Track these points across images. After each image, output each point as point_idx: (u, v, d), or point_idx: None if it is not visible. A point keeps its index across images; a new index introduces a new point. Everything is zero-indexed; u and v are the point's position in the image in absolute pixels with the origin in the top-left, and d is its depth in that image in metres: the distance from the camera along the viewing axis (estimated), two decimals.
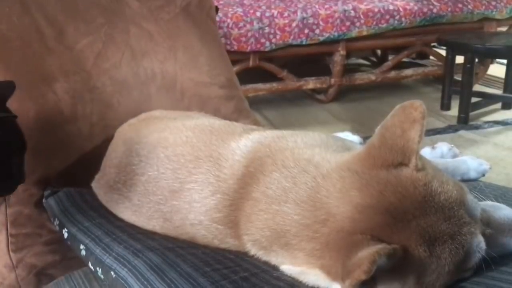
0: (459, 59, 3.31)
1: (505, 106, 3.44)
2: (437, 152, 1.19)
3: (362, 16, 3.45)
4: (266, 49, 3.28)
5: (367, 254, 0.65)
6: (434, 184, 0.73)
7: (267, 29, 3.26)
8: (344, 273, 0.68)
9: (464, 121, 3.18)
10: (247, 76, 3.20)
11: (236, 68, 2.83)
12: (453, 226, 0.72)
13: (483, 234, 0.76)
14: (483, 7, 3.72)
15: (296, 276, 0.81)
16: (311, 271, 0.78)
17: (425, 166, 0.75)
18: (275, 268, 0.84)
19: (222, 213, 0.89)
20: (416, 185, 0.73)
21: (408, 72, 3.81)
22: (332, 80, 3.57)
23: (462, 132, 3.05)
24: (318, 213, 0.76)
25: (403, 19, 3.53)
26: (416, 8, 3.56)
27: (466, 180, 1.08)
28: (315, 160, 0.83)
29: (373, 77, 3.71)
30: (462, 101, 3.21)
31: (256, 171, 0.87)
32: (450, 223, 0.72)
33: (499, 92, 3.59)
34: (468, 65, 3.17)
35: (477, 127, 3.14)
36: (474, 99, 3.27)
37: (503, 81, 3.50)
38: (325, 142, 0.91)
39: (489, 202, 0.85)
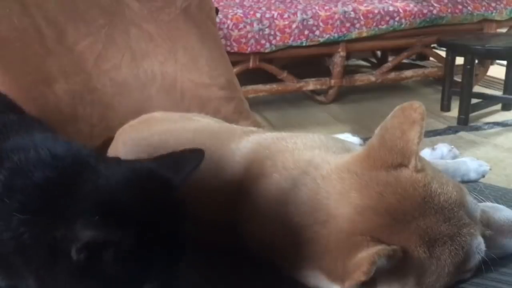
0: (459, 60, 3.31)
1: (505, 107, 3.44)
2: (437, 153, 1.20)
3: (362, 17, 3.45)
4: (266, 50, 3.28)
5: (367, 255, 0.65)
6: (434, 185, 0.73)
7: (267, 30, 3.26)
8: (344, 274, 0.68)
9: (464, 122, 3.18)
10: (247, 77, 3.20)
11: (236, 69, 2.83)
12: (453, 227, 0.72)
13: (483, 236, 0.75)
14: (483, 8, 3.72)
15: (296, 277, 0.81)
16: (311, 273, 0.78)
17: (425, 167, 0.75)
18: (275, 269, 0.84)
19: (222, 215, 0.89)
20: (415, 186, 0.72)
21: (408, 73, 3.81)
22: (332, 81, 3.57)
23: (462, 133, 3.05)
24: (318, 214, 0.76)
25: (403, 20, 3.53)
26: (416, 9, 3.56)
27: (466, 181, 1.08)
28: (314, 162, 0.83)
29: (373, 78, 3.71)
30: (462, 102, 3.21)
31: (256, 172, 0.87)
32: (450, 224, 0.72)
33: (499, 93, 3.59)
34: (468, 66, 3.17)
35: (477, 128, 3.13)
36: (474, 100, 3.26)
37: (503, 82, 3.50)
38: (325, 144, 0.91)
39: (489, 203, 0.85)
